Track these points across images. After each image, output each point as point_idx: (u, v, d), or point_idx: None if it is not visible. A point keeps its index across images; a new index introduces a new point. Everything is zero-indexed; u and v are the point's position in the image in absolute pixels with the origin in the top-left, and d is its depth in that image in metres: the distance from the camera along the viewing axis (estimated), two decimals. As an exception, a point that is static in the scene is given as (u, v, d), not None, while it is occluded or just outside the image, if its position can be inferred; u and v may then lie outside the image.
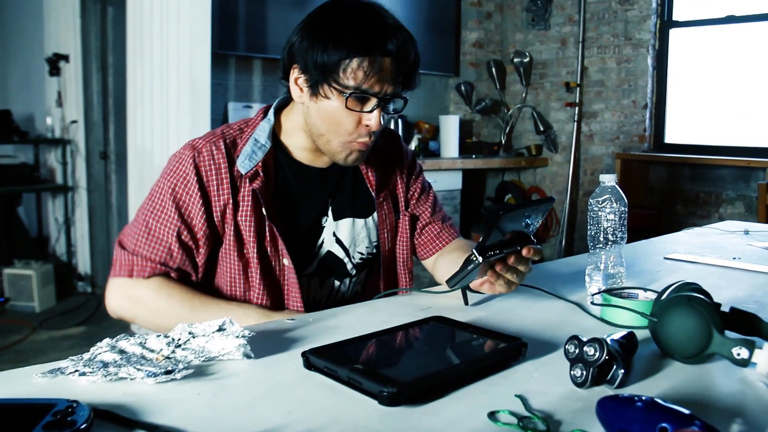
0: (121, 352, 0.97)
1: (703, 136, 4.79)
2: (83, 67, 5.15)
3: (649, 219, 4.57)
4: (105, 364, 0.92)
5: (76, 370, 0.89)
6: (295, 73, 1.36)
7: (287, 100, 1.46)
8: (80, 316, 4.59)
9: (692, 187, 4.74)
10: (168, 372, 0.90)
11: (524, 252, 1.19)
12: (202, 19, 3.57)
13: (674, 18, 4.87)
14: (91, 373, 0.89)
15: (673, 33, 4.88)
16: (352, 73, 1.28)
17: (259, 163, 1.38)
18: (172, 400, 0.84)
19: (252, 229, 1.38)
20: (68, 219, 5.35)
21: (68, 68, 5.19)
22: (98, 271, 5.36)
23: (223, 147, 1.39)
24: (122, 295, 1.38)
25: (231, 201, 1.37)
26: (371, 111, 1.32)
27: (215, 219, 1.38)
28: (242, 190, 1.38)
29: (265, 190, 1.39)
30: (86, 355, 0.96)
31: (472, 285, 1.28)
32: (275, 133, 1.45)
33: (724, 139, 4.66)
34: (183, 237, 1.36)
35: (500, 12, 5.70)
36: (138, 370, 0.89)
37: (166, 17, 3.68)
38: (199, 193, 1.36)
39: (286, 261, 1.40)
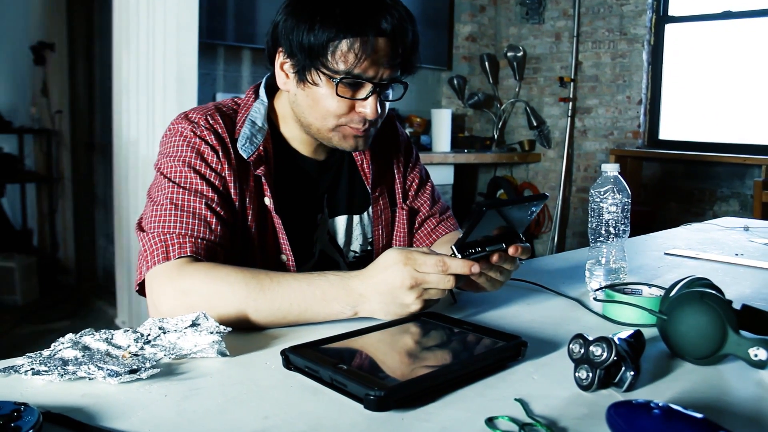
0: (85, 348, 0.89)
1: (698, 133, 4.73)
2: (69, 56, 5.04)
3: (643, 216, 4.50)
4: (64, 362, 0.84)
5: (31, 369, 0.81)
6: (280, 58, 1.23)
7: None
8: (64, 310, 4.49)
9: (687, 184, 4.68)
10: (133, 371, 0.82)
11: (510, 251, 1.08)
12: (189, 8, 3.48)
13: (670, 13, 4.81)
14: (46, 372, 0.80)
15: (669, 28, 4.81)
16: (342, 55, 1.14)
17: (261, 148, 1.25)
18: (135, 403, 0.76)
19: (254, 219, 1.24)
20: (53, 211, 5.25)
21: (53, 57, 5.09)
22: (83, 264, 5.26)
23: (221, 119, 1.25)
24: (171, 293, 1.07)
25: (235, 183, 1.22)
26: (365, 98, 1.19)
27: (231, 195, 1.22)
28: (244, 174, 1.24)
29: (267, 179, 1.26)
30: (45, 352, 0.87)
31: None
32: (270, 118, 1.32)
33: (719, 136, 4.60)
34: (215, 206, 1.17)
35: (494, 5, 5.62)
36: (99, 368, 0.81)
37: (153, 5, 3.59)
38: (214, 158, 1.21)
39: (284, 257, 1.27)
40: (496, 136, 5.42)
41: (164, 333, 0.94)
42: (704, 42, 4.71)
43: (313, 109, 1.22)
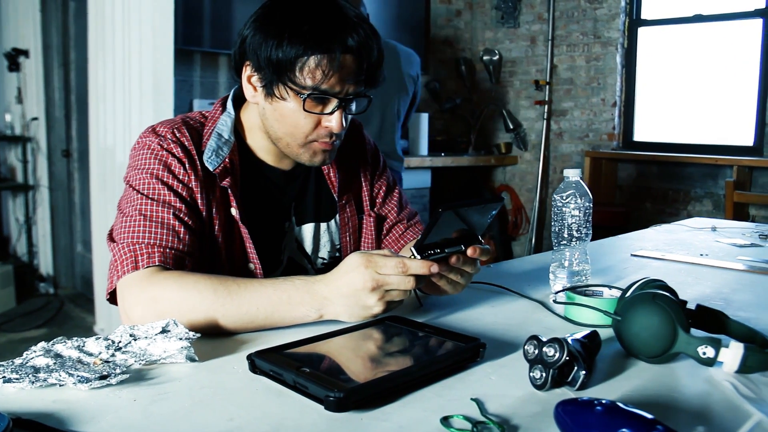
0: (57, 356, 0.91)
1: (672, 134, 4.80)
2: (44, 62, 5.02)
3: (617, 217, 4.57)
4: (35, 370, 0.86)
5: (2, 377, 0.83)
6: (247, 71, 1.26)
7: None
8: (41, 318, 4.48)
9: (661, 184, 4.75)
10: (103, 377, 0.84)
11: (469, 252, 1.11)
12: (165, 14, 3.49)
13: (643, 16, 4.88)
14: (17, 379, 0.83)
15: (642, 31, 4.89)
16: (310, 72, 1.18)
17: (227, 160, 1.28)
18: (105, 407, 0.79)
19: (221, 229, 1.27)
20: (29, 218, 5.23)
21: (28, 64, 5.07)
22: (60, 272, 5.24)
23: (187, 132, 1.28)
24: (142, 301, 1.09)
25: (202, 194, 1.25)
26: (331, 113, 1.23)
27: (198, 205, 1.25)
28: (210, 186, 1.27)
29: (233, 190, 1.29)
30: (17, 360, 0.90)
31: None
32: (237, 130, 1.35)
33: (692, 137, 4.68)
34: (183, 216, 1.20)
35: (470, 10, 5.67)
36: (70, 375, 0.83)
37: (128, 12, 3.60)
38: (181, 170, 1.24)
39: (252, 265, 1.30)
40: (473, 140, 5.47)
41: (135, 340, 0.96)
42: (676, 45, 4.78)
43: (281, 123, 1.26)
